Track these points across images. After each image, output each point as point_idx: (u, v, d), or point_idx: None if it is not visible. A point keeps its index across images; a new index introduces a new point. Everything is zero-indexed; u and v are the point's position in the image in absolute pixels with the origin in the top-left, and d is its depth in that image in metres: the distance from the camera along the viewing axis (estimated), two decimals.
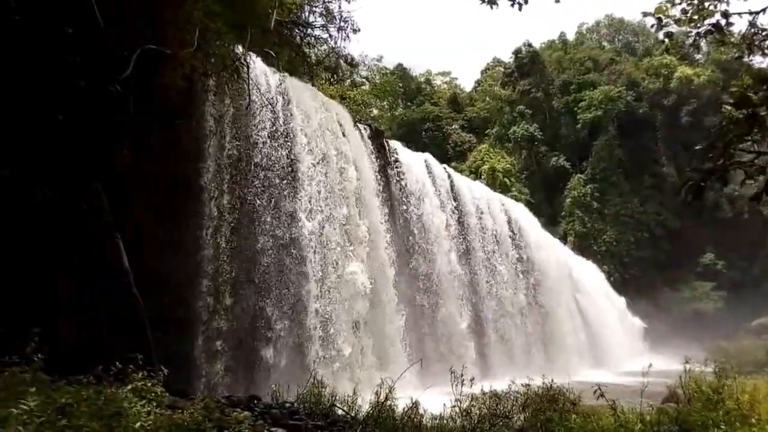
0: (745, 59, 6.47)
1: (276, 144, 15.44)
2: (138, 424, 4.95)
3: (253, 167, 14.67)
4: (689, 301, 42.24)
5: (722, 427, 6.44)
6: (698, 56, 50.83)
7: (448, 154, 49.41)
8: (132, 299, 8.63)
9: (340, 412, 8.29)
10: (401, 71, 58.67)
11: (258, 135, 15.00)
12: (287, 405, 8.75)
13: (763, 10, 5.66)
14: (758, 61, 6.64)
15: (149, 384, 5.79)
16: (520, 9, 8.01)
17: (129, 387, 5.65)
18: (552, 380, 9.17)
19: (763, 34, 5.80)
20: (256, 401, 8.96)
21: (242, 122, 14.28)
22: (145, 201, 11.32)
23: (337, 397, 8.86)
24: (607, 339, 32.39)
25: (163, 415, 5.32)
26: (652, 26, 6.19)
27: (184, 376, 11.26)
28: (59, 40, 7.63)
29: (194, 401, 6.08)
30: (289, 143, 15.83)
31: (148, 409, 5.38)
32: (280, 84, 16.05)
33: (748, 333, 34.38)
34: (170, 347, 10.24)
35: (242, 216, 14.20)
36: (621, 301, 37.21)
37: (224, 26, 9.80)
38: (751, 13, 5.72)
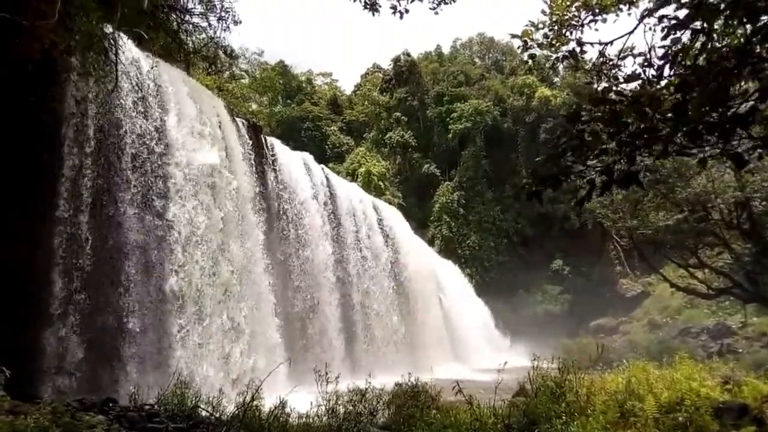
0: (594, 85, 7.11)
1: (145, 133, 14.49)
2: None
3: (118, 157, 13.64)
4: (540, 302, 45.88)
5: (563, 417, 7.04)
6: (556, 79, 55.55)
7: (326, 154, 49.55)
8: None
9: (204, 413, 7.97)
10: (282, 68, 57.81)
11: (125, 122, 13.97)
12: (146, 407, 8.25)
13: (611, 42, 6.32)
14: (605, 88, 7.37)
15: None
16: (401, 17, 8.28)
17: None
18: (417, 378, 9.54)
19: (610, 63, 6.43)
20: (111, 404, 8.35)
21: (108, 107, 13.20)
22: None
23: (202, 398, 8.50)
24: (467, 337, 34.25)
25: (2, 422, 4.79)
26: (519, 48, 6.69)
27: (32, 378, 10.22)
28: None
29: (41, 405, 5.55)
30: (159, 134, 14.94)
31: None
32: (153, 69, 15.07)
33: (588, 332, 38.22)
34: (15, 346, 9.23)
35: (104, 207, 13.15)
36: (480, 302, 39.54)
37: (91, 1, 8.99)
38: (601, 43, 6.35)
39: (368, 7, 8.74)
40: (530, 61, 6.66)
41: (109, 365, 12.59)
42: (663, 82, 4.59)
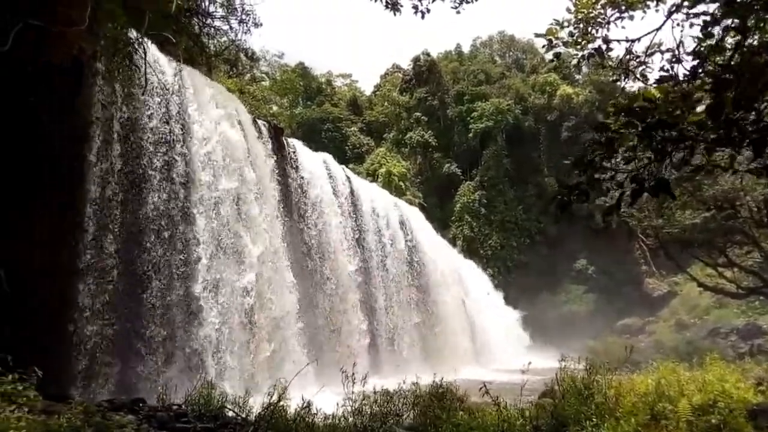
0: (620, 83, 7.03)
1: (170, 136, 14.69)
2: None
3: (143, 161, 13.85)
4: (564, 303, 45.28)
5: (593, 419, 6.96)
6: (578, 77, 54.85)
7: (347, 155, 49.59)
8: None
9: (230, 413, 8.07)
10: (302, 69, 58.07)
11: (150, 126, 14.19)
12: (174, 407, 8.39)
13: (639, 39, 6.24)
14: (631, 85, 7.29)
15: (20, 387, 5.31)
16: (423, 17, 8.25)
17: None
18: (442, 378, 9.51)
19: (638, 60, 6.34)
20: (140, 404, 8.51)
21: (133, 111, 13.39)
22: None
23: (229, 398, 8.60)
24: (491, 338, 34.03)
25: (36, 421, 4.90)
26: (543, 46, 6.62)
27: (62, 379, 10.38)
28: None
29: (72, 405, 5.68)
30: (184, 136, 15.15)
31: (19, 414, 4.94)
32: (177, 73, 15.27)
33: (614, 332, 37.65)
34: (46, 347, 9.40)
35: (129, 210, 13.36)
36: (503, 302, 39.22)
37: (118, 8, 9.15)
38: (628, 40, 6.27)
39: (390, 6, 8.73)
40: (555, 60, 6.60)
41: (138, 366, 12.79)
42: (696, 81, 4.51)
